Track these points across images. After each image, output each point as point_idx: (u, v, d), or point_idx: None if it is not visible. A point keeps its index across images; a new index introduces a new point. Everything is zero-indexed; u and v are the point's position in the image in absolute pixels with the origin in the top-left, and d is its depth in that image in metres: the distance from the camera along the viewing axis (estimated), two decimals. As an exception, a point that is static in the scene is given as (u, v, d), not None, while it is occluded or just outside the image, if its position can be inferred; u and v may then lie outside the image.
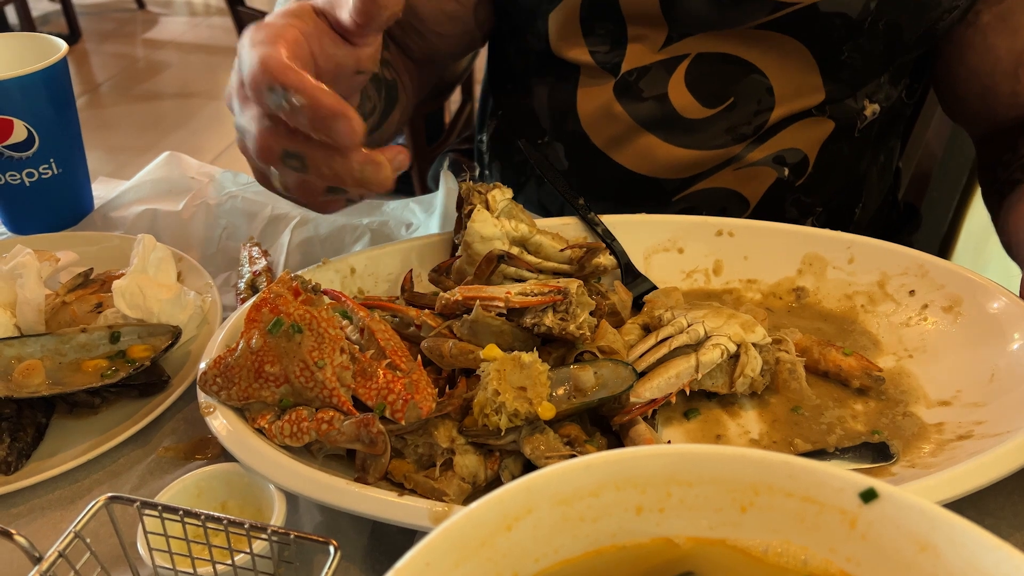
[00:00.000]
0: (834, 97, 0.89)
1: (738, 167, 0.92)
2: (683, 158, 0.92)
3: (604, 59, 0.90)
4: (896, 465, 0.59)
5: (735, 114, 0.90)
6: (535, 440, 0.56)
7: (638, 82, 0.89)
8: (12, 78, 0.83)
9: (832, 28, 0.83)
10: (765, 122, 0.90)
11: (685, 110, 0.90)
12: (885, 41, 0.85)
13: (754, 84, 0.88)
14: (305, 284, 0.62)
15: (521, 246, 0.72)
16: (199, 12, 4.92)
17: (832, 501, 0.35)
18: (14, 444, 0.63)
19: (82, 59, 4.22)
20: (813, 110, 0.90)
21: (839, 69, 0.87)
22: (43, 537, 0.57)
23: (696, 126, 0.90)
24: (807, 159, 0.93)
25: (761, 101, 0.89)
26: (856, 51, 0.86)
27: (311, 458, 0.59)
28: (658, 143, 0.91)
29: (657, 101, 0.90)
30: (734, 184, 0.93)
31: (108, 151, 3.38)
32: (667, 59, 0.88)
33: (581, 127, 0.95)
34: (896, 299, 0.73)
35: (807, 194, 0.95)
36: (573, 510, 0.37)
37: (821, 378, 0.68)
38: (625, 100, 0.91)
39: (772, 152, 0.92)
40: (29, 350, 0.67)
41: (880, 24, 0.84)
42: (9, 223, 0.93)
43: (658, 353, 0.64)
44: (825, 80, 0.88)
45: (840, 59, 0.86)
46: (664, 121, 0.90)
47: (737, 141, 0.91)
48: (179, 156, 1.03)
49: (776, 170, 0.93)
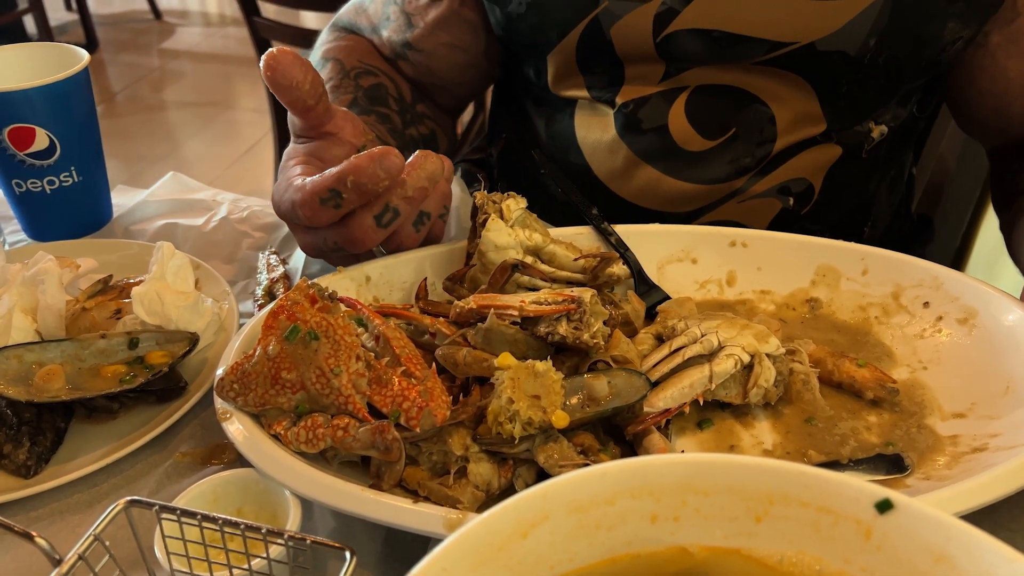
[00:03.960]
0: (835, 127, 0.89)
1: (742, 200, 0.92)
2: (686, 191, 0.91)
3: (600, 94, 0.91)
4: (910, 477, 0.59)
5: (737, 145, 0.89)
6: (549, 449, 0.57)
7: (637, 113, 0.89)
8: (35, 87, 0.84)
9: (831, 64, 0.83)
10: (768, 153, 0.89)
11: (686, 142, 0.89)
12: (886, 75, 0.85)
13: (756, 114, 0.88)
14: (322, 292, 0.63)
15: (535, 255, 0.72)
16: (214, 22, 4.97)
17: (847, 511, 0.35)
18: (34, 448, 0.64)
19: (99, 68, 4.27)
20: (818, 137, 0.90)
21: (838, 100, 0.87)
22: (63, 540, 0.58)
23: (698, 158, 0.90)
24: (812, 187, 0.92)
25: (764, 131, 0.88)
26: (856, 85, 0.85)
27: (326, 464, 0.59)
28: (660, 176, 0.91)
29: (657, 133, 0.89)
30: (738, 217, 0.93)
31: (124, 160, 3.41)
32: (666, 90, 0.88)
33: (584, 159, 0.95)
34: (910, 311, 0.73)
35: (813, 221, 0.95)
36: (589, 518, 0.37)
37: (835, 389, 0.68)
38: (626, 133, 0.91)
39: (776, 183, 0.91)
40: (49, 355, 0.68)
41: (880, 60, 0.83)
42: (30, 230, 0.94)
43: (672, 363, 0.65)
44: (825, 111, 0.87)
45: (839, 92, 0.86)
46: (665, 153, 0.90)
47: (740, 174, 0.90)
48: (180, 177, 1.04)
49: (781, 201, 0.92)
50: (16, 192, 0.90)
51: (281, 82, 0.67)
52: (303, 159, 0.72)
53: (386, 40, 0.97)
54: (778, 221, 0.93)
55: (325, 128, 0.73)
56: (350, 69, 0.93)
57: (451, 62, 0.97)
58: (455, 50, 0.97)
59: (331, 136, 0.73)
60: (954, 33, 0.83)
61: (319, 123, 0.72)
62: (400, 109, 0.93)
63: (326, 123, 0.72)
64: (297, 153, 0.74)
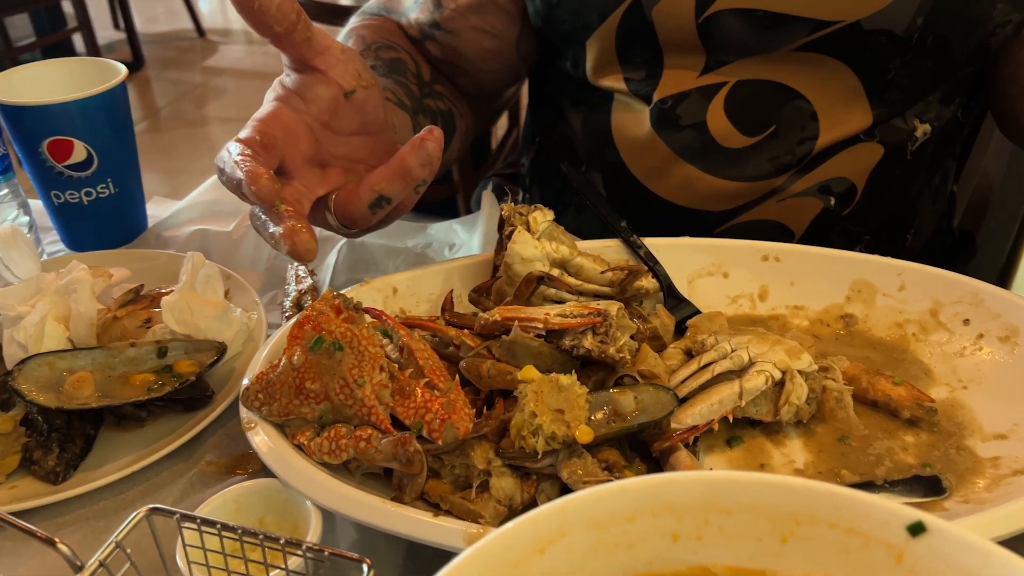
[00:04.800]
0: (882, 119, 0.87)
1: (782, 198, 0.90)
2: (724, 189, 0.90)
3: (637, 87, 0.90)
4: (949, 500, 0.57)
5: (777, 143, 0.87)
6: (572, 464, 0.56)
7: (675, 109, 0.88)
8: (74, 100, 0.86)
9: (877, 46, 0.81)
10: (810, 151, 0.87)
11: (725, 139, 0.88)
12: (934, 58, 0.82)
13: (797, 111, 0.86)
14: (347, 302, 0.63)
15: (561, 268, 0.72)
16: (256, 40, 5.07)
17: (878, 534, 0.34)
18: (63, 454, 0.64)
19: (144, 86, 4.38)
20: (861, 135, 0.87)
21: (886, 89, 0.84)
22: (86, 547, 0.58)
23: (737, 156, 0.88)
24: (855, 187, 0.90)
25: (805, 128, 0.87)
26: (904, 69, 0.83)
27: (348, 476, 0.59)
28: (698, 174, 0.90)
29: (695, 130, 0.88)
30: (778, 216, 0.91)
31: (165, 173, 3.48)
32: (705, 86, 0.87)
33: (620, 156, 0.94)
34: (949, 328, 0.71)
35: (855, 223, 0.93)
36: (608, 535, 0.36)
37: (870, 408, 0.66)
38: (663, 129, 0.89)
39: (817, 182, 0.89)
40: (80, 363, 0.69)
41: (928, 40, 0.81)
42: (68, 240, 0.96)
43: (700, 379, 0.63)
44: (872, 102, 0.85)
45: (887, 79, 0.83)
46: (703, 151, 0.89)
47: (780, 172, 0.89)
48: None
49: (822, 200, 0.90)
50: (54, 203, 0.92)
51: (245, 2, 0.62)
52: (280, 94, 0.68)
53: (413, 21, 0.96)
54: (819, 221, 0.91)
55: (312, 63, 0.67)
56: (372, 43, 0.91)
57: (479, 46, 0.95)
58: (485, 34, 0.95)
59: (318, 73, 0.68)
60: (1003, 15, 0.81)
61: (299, 55, 0.67)
62: (418, 83, 0.91)
63: (310, 57, 0.67)
64: (276, 88, 0.69)
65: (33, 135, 0.87)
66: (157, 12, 5.42)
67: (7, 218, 0.93)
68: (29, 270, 0.78)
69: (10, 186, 0.93)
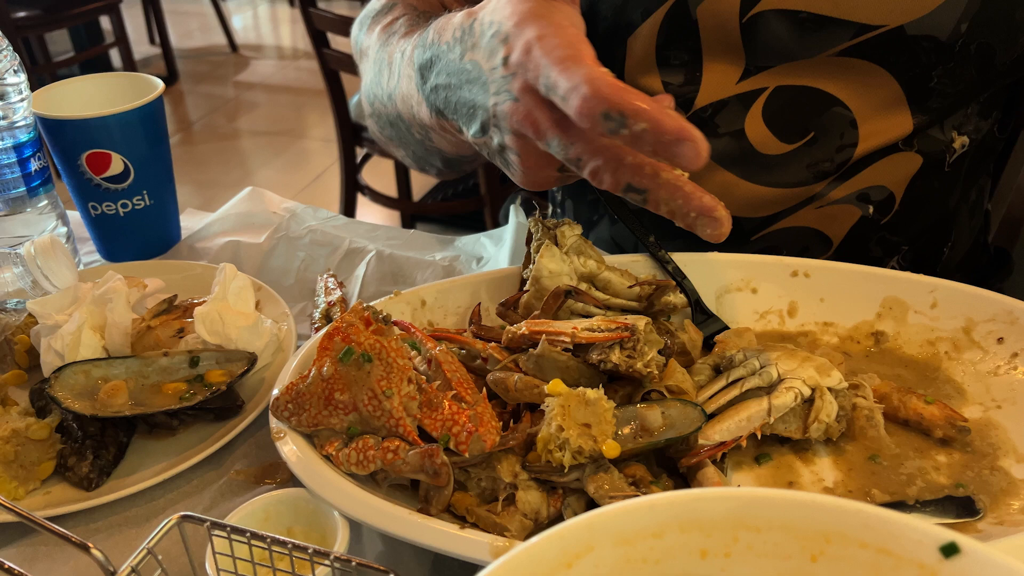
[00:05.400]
0: (922, 127, 0.86)
1: (820, 205, 0.90)
2: (762, 196, 0.89)
3: (678, 92, 0.89)
4: (982, 521, 0.56)
5: (816, 149, 0.87)
6: (599, 479, 0.56)
7: (713, 118, 0.88)
8: (112, 115, 0.88)
9: (920, 52, 0.80)
10: (849, 158, 0.87)
11: (763, 146, 0.88)
12: (977, 65, 0.81)
13: (836, 118, 0.86)
14: (376, 314, 0.63)
15: (589, 282, 0.72)
16: (287, 55, 5.14)
17: (910, 554, 0.33)
18: (96, 461, 0.66)
19: (178, 99, 4.46)
20: (900, 144, 0.87)
21: (928, 97, 0.84)
22: (119, 553, 0.59)
23: (775, 162, 0.88)
24: (893, 196, 0.89)
25: (844, 135, 0.86)
26: (947, 76, 0.82)
27: (376, 487, 0.59)
28: (735, 180, 0.90)
29: (733, 137, 0.88)
30: (816, 223, 0.91)
31: (198, 186, 3.54)
32: (744, 93, 0.86)
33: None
34: (983, 347, 0.70)
35: (893, 232, 0.92)
36: (635, 551, 0.36)
37: (901, 427, 0.65)
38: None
39: (856, 190, 0.89)
40: (115, 371, 0.70)
41: (972, 47, 0.80)
42: (104, 251, 0.98)
43: (729, 395, 0.63)
44: (913, 110, 0.84)
45: (929, 86, 0.83)
46: (741, 158, 0.89)
47: (819, 179, 0.88)
48: (261, 191, 1.07)
49: (860, 208, 0.90)
50: (92, 214, 0.94)
51: None
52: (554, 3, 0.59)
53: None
54: (857, 229, 0.90)
55: None
56: (421, 12, 0.89)
57: None
58: None
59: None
60: None
61: None
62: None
63: None
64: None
65: (72, 148, 0.89)
66: (192, 28, 5.53)
67: (46, 228, 0.95)
68: (66, 280, 0.79)
69: (49, 197, 0.95)
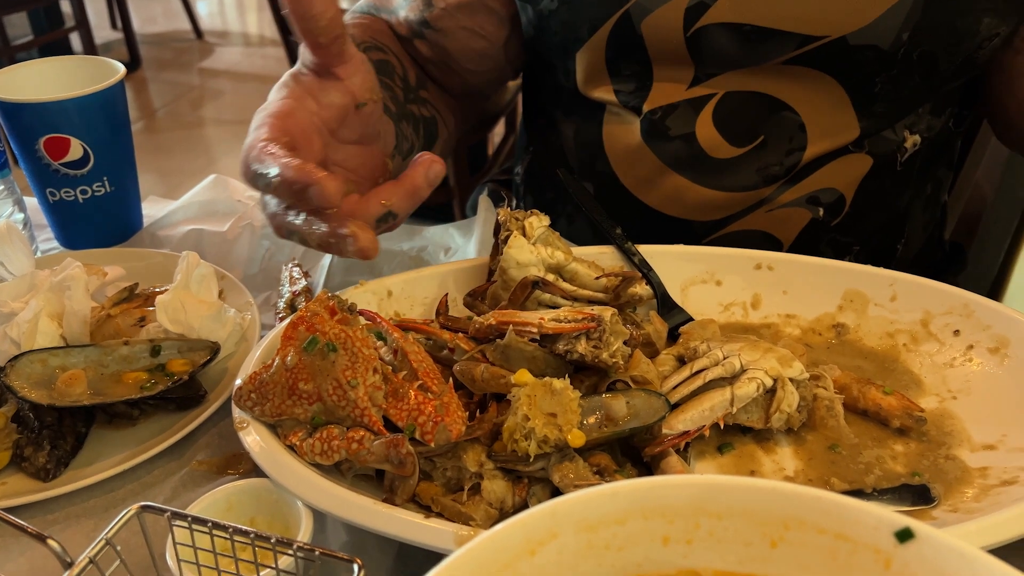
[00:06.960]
0: (870, 131, 0.87)
1: (770, 209, 0.91)
2: (713, 199, 0.90)
3: (627, 99, 0.90)
4: (937, 509, 0.57)
5: (766, 153, 0.88)
6: (564, 468, 0.56)
7: (664, 120, 0.89)
8: (71, 98, 0.86)
9: (863, 61, 0.82)
10: (798, 162, 0.88)
11: (713, 149, 0.89)
12: (921, 73, 0.83)
13: (785, 122, 0.87)
14: (342, 304, 0.63)
15: (556, 273, 0.72)
16: (254, 42, 5.07)
17: (866, 539, 0.34)
18: (53, 452, 0.64)
19: (141, 86, 4.37)
20: (850, 146, 0.88)
21: (873, 103, 0.85)
22: (76, 544, 0.58)
23: (725, 166, 0.89)
24: (843, 198, 0.91)
25: (793, 139, 0.87)
26: (890, 83, 0.83)
27: (340, 477, 0.59)
28: (687, 184, 0.90)
29: (684, 141, 0.89)
30: (766, 226, 0.92)
31: (161, 174, 3.48)
32: (694, 98, 0.87)
33: (610, 167, 0.94)
34: (940, 339, 0.71)
35: (844, 234, 0.93)
36: (598, 537, 0.36)
37: (860, 417, 0.66)
38: (653, 140, 0.90)
39: (806, 193, 0.90)
40: (73, 360, 0.69)
41: (914, 55, 0.81)
42: (62, 237, 0.96)
43: (692, 385, 0.64)
44: (859, 115, 0.86)
45: (873, 92, 0.84)
46: (692, 161, 0.89)
47: (768, 182, 0.89)
48: (225, 179, 1.05)
49: (811, 211, 0.91)
50: (50, 200, 0.92)
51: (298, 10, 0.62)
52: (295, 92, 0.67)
53: (403, 19, 0.96)
54: (808, 231, 0.92)
55: (334, 69, 0.68)
56: (360, 42, 0.91)
57: (467, 46, 0.96)
58: (474, 35, 0.96)
59: (336, 80, 0.68)
60: (990, 28, 0.81)
61: (328, 63, 0.67)
62: (404, 87, 0.91)
63: (336, 65, 0.67)
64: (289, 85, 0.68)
65: (30, 132, 0.87)
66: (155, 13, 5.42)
67: (2, 215, 0.93)
68: (23, 267, 0.78)
69: (6, 183, 0.93)
